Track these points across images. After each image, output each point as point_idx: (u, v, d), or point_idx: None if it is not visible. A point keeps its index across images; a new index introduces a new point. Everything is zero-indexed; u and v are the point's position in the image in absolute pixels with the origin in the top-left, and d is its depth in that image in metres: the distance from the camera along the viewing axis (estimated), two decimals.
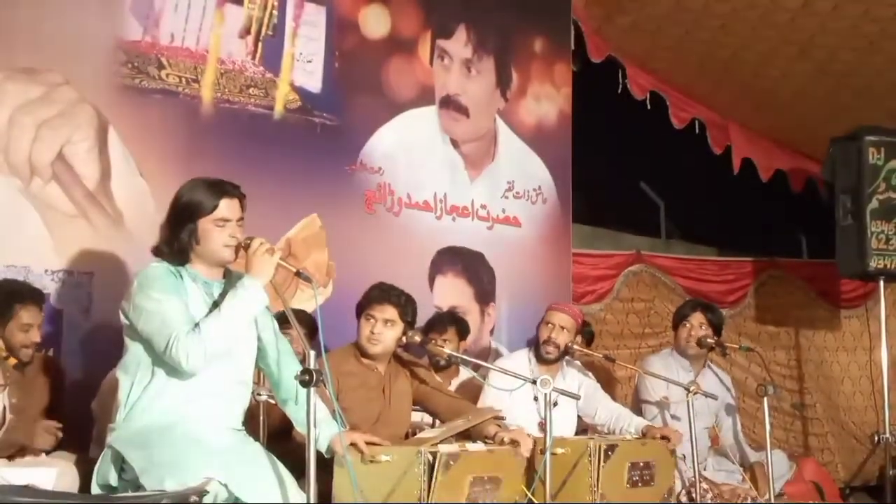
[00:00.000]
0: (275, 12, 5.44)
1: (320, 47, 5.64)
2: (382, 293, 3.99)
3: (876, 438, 5.94)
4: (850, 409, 8.43)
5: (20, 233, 4.46)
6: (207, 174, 3.38)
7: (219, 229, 3.21)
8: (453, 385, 4.97)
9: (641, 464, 4.01)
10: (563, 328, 4.60)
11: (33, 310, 3.90)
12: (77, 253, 4.61)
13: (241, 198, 3.28)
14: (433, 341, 4.39)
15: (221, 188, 3.25)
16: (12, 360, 2.91)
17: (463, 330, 5.25)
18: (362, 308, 4.01)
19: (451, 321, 5.22)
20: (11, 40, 4.50)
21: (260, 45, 5.39)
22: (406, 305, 3.99)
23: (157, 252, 3.30)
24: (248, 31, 5.35)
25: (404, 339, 4.00)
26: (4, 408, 3.02)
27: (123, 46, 4.87)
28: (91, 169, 4.70)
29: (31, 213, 4.50)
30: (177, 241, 3.23)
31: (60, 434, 3.78)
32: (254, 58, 5.37)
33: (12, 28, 4.50)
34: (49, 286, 4.45)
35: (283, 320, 3.40)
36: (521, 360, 4.68)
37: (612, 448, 3.81)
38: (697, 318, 5.12)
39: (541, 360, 4.63)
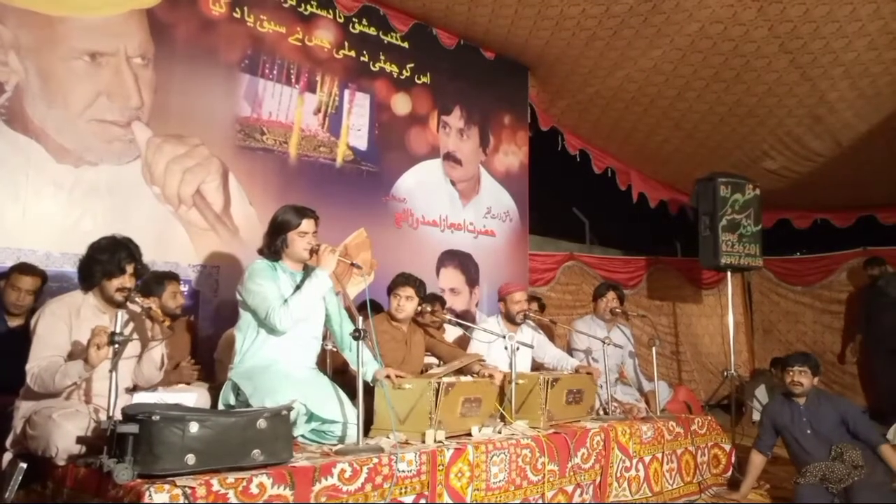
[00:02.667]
0: (336, 98, 5.44)
1: (366, 120, 5.63)
2: (404, 278, 3.97)
3: (725, 374, 5.93)
4: (708, 354, 8.44)
5: (172, 240, 4.46)
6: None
7: (300, 239, 3.22)
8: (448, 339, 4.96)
9: (574, 390, 4.00)
10: (524, 301, 4.58)
11: (176, 284, 3.92)
12: (209, 254, 4.62)
13: (316, 218, 3.30)
14: (436, 311, 4.37)
15: (303, 211, 3.27)
16: (167, 322, 2.90)
17: (442, 303, 5.21)
18: (391, 289, 4.00)
19: (433, 298, 5.20)
20: (167, 116, 4.51)
21: (327, 119, 5.38)
22: (420, 287, 3.98)
23: (261, 252, 3.31)
24: (319, 110, 5.34)
25: (419, 308, 4.00)
26: (163, 355, 3.01)
27: (239, 120, 4.87)
28: (218, 199, 4.70)
29: (179, 228, 4.51)
30: (273, 246, 3.25)
31: (196, 373, 3.80)
32: (323, 127, 5.36)
33: (168, 109, 4.51)
34: (191, 275, 4.47)
35: (362, 306, 3.35)
36: (493, 323, 4.66)
37: (556, 380, 3.81)
38: (611, 295, 5.10)
39: (516, 322, 4.56)
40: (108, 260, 2.83)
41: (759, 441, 4.35)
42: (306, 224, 3.23)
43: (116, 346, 2.55)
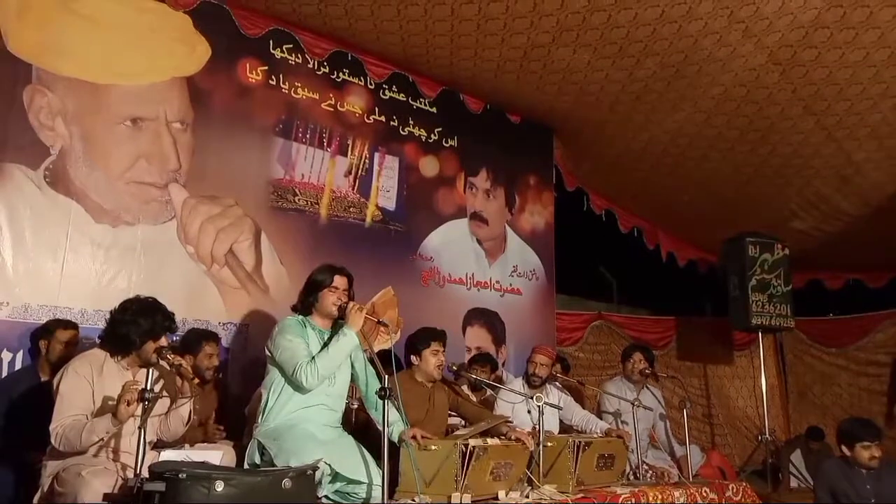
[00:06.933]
0: (367, 160, 5.55)
1: (395, 182, 5.72)
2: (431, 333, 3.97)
3: (759, 438, 5.74)
4: (742, 417, 8.19)
5: (204, 299, 4.52)
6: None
7: (331, 294, 3.28)
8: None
9: (606, 455, 3.90)
10: (543, 365, 4.51)
11: (213, 345, 3.93)
12: (239, 312, 4.66)
13: (349, 276, 3.35)
14: (465, 369, 4.32)
15: (337, 269, 3.36)
16: (196, 380, 2.92)
17: (494, 366, 5.18)
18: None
19: (486, 359, 5.24)
20: (203, 178, 4.64)
21: (357, 181, 5.48)
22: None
23: (294, 309, 3.37)
24: (350, 172, 5.45)
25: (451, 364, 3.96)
26: (191, 412, 3.01)
27: (272, 182, 4.98)
28: (249, 259, 4.76)
29: (211, 287, 4.57)
30: (306, 301, 3.31)
31: (223, 433, 3.79)
32: (353, 189, 5.45)
33: (204, 171, 4.64)
34: (221, 333, 4.48)
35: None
36: (518, 384, 4.59)
37: (587, 444, 3.71)
38: (637, 356, 5.03)
39: (530, 385, 4.52)
40: (149, 322, 2.87)
41: None
42: (338, 280, 3.28)
43: (147, 402, 2.56)
